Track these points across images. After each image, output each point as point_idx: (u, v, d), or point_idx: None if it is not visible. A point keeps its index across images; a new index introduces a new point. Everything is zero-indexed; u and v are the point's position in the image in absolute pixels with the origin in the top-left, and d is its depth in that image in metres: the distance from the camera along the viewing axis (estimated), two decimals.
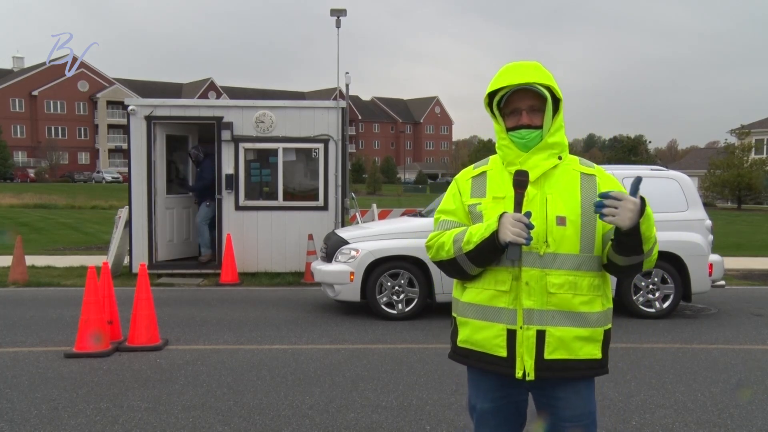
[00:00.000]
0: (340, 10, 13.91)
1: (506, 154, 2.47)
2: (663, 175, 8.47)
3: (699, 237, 8.12)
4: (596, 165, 2.54)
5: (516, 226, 2.27)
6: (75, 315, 6.89)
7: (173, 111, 11.34)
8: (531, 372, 2.36)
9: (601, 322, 2.42)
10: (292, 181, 11.46)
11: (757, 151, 46.55)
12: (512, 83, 2.37)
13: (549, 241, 2.35)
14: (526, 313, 2.35)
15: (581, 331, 2.37)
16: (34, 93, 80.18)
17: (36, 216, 25.32)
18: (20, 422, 4.46)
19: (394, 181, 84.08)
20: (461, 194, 2.55)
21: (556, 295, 2.35)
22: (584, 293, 2.38)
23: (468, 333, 2.48)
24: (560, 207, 2.38)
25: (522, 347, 2.36)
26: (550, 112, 2.41)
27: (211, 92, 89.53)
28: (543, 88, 2.38)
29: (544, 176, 2.42)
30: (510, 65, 2.44)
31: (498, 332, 2.39)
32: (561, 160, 2.46)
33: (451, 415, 4.65)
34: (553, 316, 2.35)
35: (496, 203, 2.43)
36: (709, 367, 5.94)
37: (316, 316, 8.07)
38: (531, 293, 2.35)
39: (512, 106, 2.43)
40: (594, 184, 2.44)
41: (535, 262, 2.35)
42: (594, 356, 2.40)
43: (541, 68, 2.42)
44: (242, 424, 4.46)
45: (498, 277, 2.40)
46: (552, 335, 2.35)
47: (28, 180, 63.26)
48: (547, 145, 2.42)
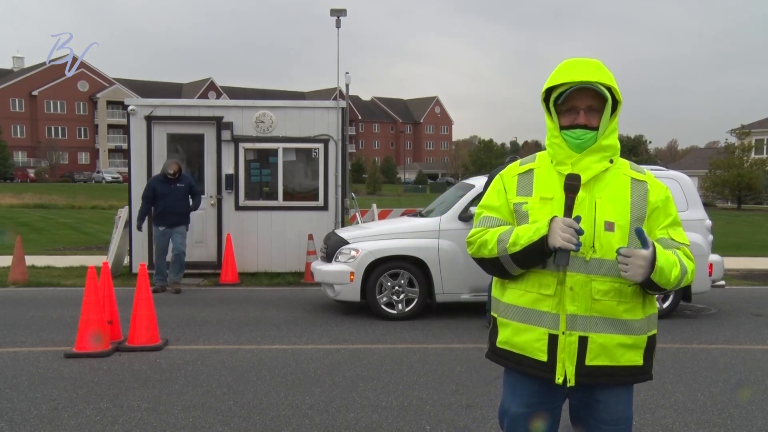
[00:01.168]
0: (340, 10, 13.90)
1: (557, 153, 2.40)
2: (663, 175, 8.47)
3: (699, 237, 8.12)
4: (647, 171, 2.47)
5: (566, 232, 2.22)
6: (75, 315, 6.89)
7: (173, 111, 11.34)
8: (572, 378, 2.33)
9: (644, 329, 2.38)
10: (292, 181, 11.46)
11: (757, 151, 46.55)
12: (574, 80, 2.30)
13: (596, 247, 2.30)
14: (569, 319, 2.31)
15: (624, 338, 2.33)
16: (34, 93, 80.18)
17: (36, 216, 25.32)
18: (20, 422, 4.45)
19: (394, 181, 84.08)
20: (506, 191, 2.48)
21: (601, 302, 2.31)
22: (628, 300, 2.33)
23: (508, 334, 2.44)
24: (609, 212, 2.32)
25: (564, 353, 2.32)
26: (608, 114, 2.35)
27: (211, 92, 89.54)
28: (605, 89, 2.31)
29: (595, 179, 2.36)
30: (571, 61, 2.37)
31: (539, 336, 2.35)
32: (612, 164, 2.39)
33: (451, 415, 4.65)
34: (596, 323, 2.31)
35: (543, 204, 2.37)
36: (709, 367, 5.94)
37: (316, 316, 8.07)
38: (575, 299, 2.30)
39: (570, 104, 2.36)
40: (645, 190, 2.38)
41: (580, 268, 2.30)
42: (635, 363, 2.37)
43: (603, 67, 2.35)
44: (242, 424, 4.46)
45: (542, 281, 2.35)
46: (594, 342, 2.31)
47: (28, 180, 63.25)
48: (601, 147, 2.36)
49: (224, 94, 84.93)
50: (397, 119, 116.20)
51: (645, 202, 2.36)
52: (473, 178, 9.07)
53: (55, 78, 79.39)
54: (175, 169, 9.69)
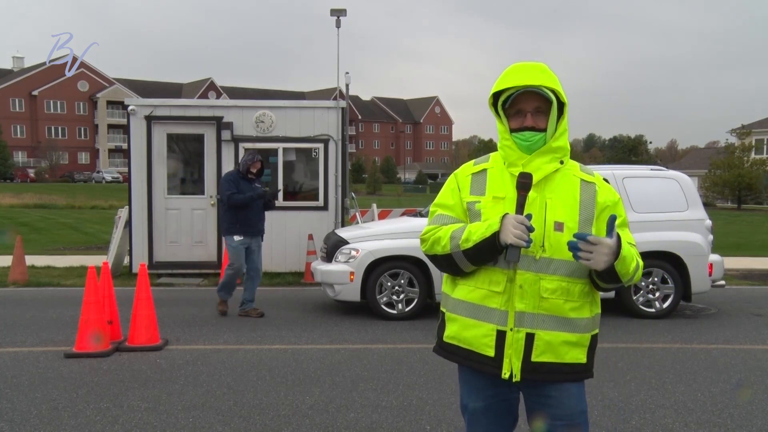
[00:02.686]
0: (340, 10, 13.91)
1: (508, 155, 2.46)
2: (663, 175, 8.47)
3: (699, 237, 8.12)
4: (596, 173, 2.53)
5: (518, 228, 2.26)
6: (75, 315, 6.89)
7: (173, 111, 11.35)
8: (518, 373, 2.37)
9: (589, 327, 2.44)
10: (292, 181, 11.47)
11: (758, 151, 46.58)
12: (519, 84, 2.36)
13: (545, 246, 2.35)
14: (518, 316, 2.36)
15: (569, 336, 2.39)
16: (34, 93, 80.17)
17: (36, 216, 25.32)
18: (20, 422, 4.45)
19: (394, 181, 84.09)
20: (460, 190, 2.54)
21: (548, 300, 2.36)
22: (575, 299, 2.39)
23: (456, 329, 2.48)
24: (559, 212, 2.38)
25: (510, 349, 2.37)
26: (554, 116, 2.40)
27: (211, 92, 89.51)
28: (549, 92, 2.37)
29: (545, 180, 2.41)
30: (516, 65, 2.43)
31: (487, 332, 2.40)
32: (563, 165, 2.45)
33: (451, 415, 4.65)
34: (543, 320, 2.36)
35: (495, 203, 2.42)
36: (709, 367, 5.94)
37: (316, 316, 8.07)
38: (524, 296, 2.35)
39: (517, 107, 2.42)
40: (593, 192, 2.44)
41: (530, 266, 2.35)
42: (579, 360, 2.42)
43: (547, 70, 2.41)
44: (242, 424, 4.46)
45: (493, 278, 2.40)
46: (541, 339, 2.36)
47: (28, 180, 63.23)
48: (551, 149, 2.41)
49: (224, 94, 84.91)
50: (397, 119, 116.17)
51: (593, 203, 2.41)
52: None
53: (55, 78, 79.37)
54: (258, 167, 8.11)
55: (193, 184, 11.55)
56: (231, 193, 7.77)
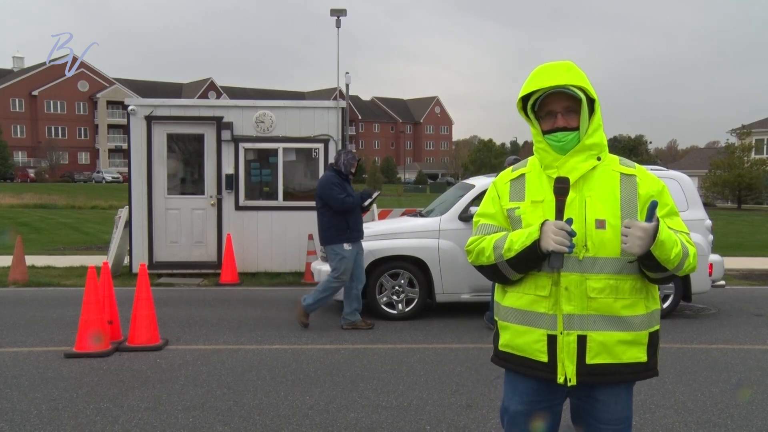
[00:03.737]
0: (340, 10, 13.93)
1: (543, 158, 2.43)
2: (663, 175, 8.46)
3: (699, 237, 8.11)
4: (637, 165, 2.49)
5: (558, 234, 2.24)
6: (75, 315, 6.89)
7: (173, 111, 11.34)
8: (573, 377, 2.34)
9: (646, 324, 2.38)
10: (292, 181, 11.47)
11: (758, 151, 46.59)
12: (545, 86, 2.33)
13: (588, 245, 2.32)
14: (566, 319, 2.33)
15: (624, 335, 2.34)
16: (34, 93, 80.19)
17: (36, 216, 25.32)
18: (20, 422, 4.45)
19: (394, 181, 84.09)
20: (500, 197, 2.52)
21: (597, 300, 2.32)
22: (626, 297, 2.34)
23: (509, 337, 2.46)
24: (599, 210, 2.34)
25: (563, 352, 2.34)
26: (586, 113, 2.37)
27: (211, 92, 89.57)
28: (577, 90, 2.34)
29: (583, 178, 2.38)
30: (542, 67, 2.40)
31: (538, 337, 2.37)
32: (600, 161, 2.41)
33: (451, 415, 4.65)
34: (594, 321, 2.32)
35: (534, 207, 2.40)
36: (709, 367, 5.94)
37: (316, 316, 8.07)
38: (571, 298, 2.32)
39: (547, 109, 2.39)
40: (634, 185, 2.39)
41: (574, 267, 2.31)
42: (639, 360, 2.38)
43: (574, 68, 2.38)
44: (242, 424, 4.46)
45: (538, 282, 2.37)
46: (593, 340, 2.32)
47: (28, 180, 63.26)
48: (585, 146, 2.38)
49: (224, 94, 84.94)
50: (397, 119, 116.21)
51: (635, 196, 2.37)
52: (473, 178, 9.07)
53: (55, 78, 79.41)
54: (356, 167, 7.44)
55: (194, 184, 11.54)
56: (344, 196, 7.06)
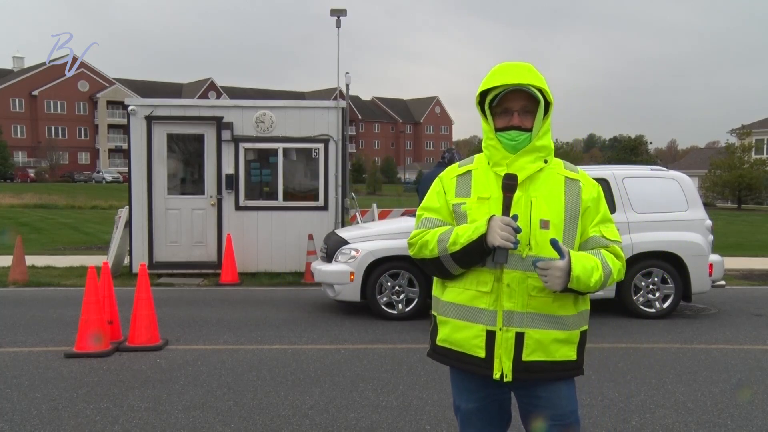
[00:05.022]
0: (340, 10, 13.89)
1: (493, 155, 2.46)
2: (663, 175, 8.47)
3: (699, 237, 8.12)
4: (580, 169, 2.55)
5: (504, 230, 2.27)
6: (75, 315, 6.89)
7: (173, 111, 11.35)
8: (509, 373, 2.37)
9: (577, 324, 2.45)
10: (292, 181, 11.47)
11: (758, 151, 46.61)
12: (507, 83, 2.36)
13: (532, 244, 2.36)
14: (506, 315, 2.36)
15: (558, 333, 2.39)
16: (34, 93, 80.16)
17: (36, 216, 25.32)
18: (20, 422, 4.45)
19: (394, 181, 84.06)
20: (446, 192, 2.54)
21: (536, 298, 2.36)
22: (562, 297, 2.39)
23: (447, 332, 2.48)
24: (544, 210, 2.38)
25: (500, 348, 2.37)
26: (541, 115, 2.41)
27: (211, 92, 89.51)
28: (536, 91, 2.37)
29: (530, 179, 2.42)
30: (503, 65, 2.43)
31: (477, 333, 2.39)
32: (547, 164, 2.46)
33: (451, 415, 4.64)
34: (532, 319, 2.36)
35: (480, 204, 2.43)
36: (709, 367, 5.94)
37: (316, 316, 8.07)
38: (512, 295, 2.36)
39: (504, 106, 2.42)
40: (578, 189, 2.45)
41: (517, 265, 2.35)
42: (569, 358, 2.43)
43: (533, 70, 2.41)
44: (242, 424, 4.46)
45: (480, 278, 2.40)
46: (531, 337, 2.36)
47: (28, 180, 63.23)
48: (535, 148, 2.42)
49: (224, 94, 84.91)
50: (397, 119, 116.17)
51: (578, 200, 2.43)
52: None
53: (55, 78, 79.36)
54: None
55: (193, 184, 11.54)
56: None
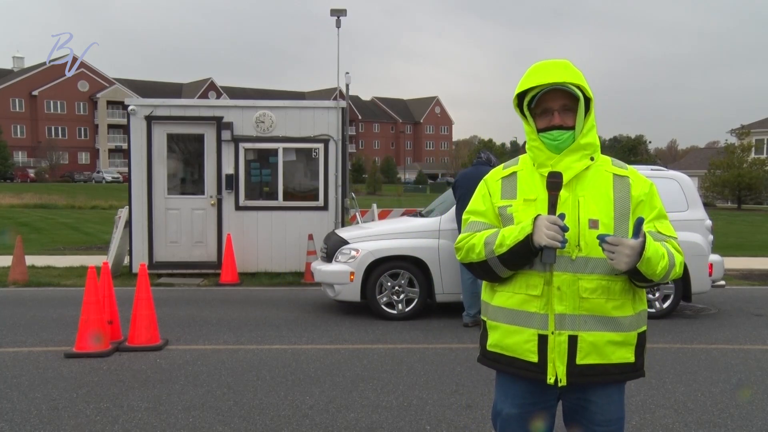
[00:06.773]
0: (340, 10, 13.89)
1: (537, 156, 2.40)
2: (663, 175, 8.47)
3: (699, 237, 8.12)
4: (629, 166, 2.48)
5: (551, 229, 2.22)
6: (75, 315, 6.88)
7: (173, 111, 11.34)
8: (563, 378, 2.32)
9: (634, 325, 2.37)
10: (292, 181, 11.47)
11: (757, 151, 46.57)
12: (543, 83, 2.31)
13: (581, 245, 2.30)
14: (558, 318, 2.31)
15: (614, 335, 2.33)
16: (34, 93, 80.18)
17: (36, 216, 25.32)
18: (20, 422, 4.45)
19: (394, 181, 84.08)
20: (491, 195, 2.49)
21: (589, 300, 2.30)
22: (617, 297, 2.33)
23: (498, 337, 2.43)
24: (593, 210, 2.32)
25: (554, 353, 2.32)
26: (582, 112, 2.35)
27: (211, 92, 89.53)
28: (575, 88, 2.32)
29: (577, 178, 2.36)
30: (539, 64, 2.38)
31: (529, 337, 2.34)
32: (593, 162, 2.40)
33: (451, 415, 4.65)
34: (585, 321, 2.31)
35: (527, 205, 2.38)
36: (709, 367, 5.94)
37: (316, 316, 8.07)
38: (563, 298, 2.30)
39: (543, 106, 2.36)
40: (627, 186, 2.38)
41: (567, 267, 2.30)
42: (627, 360, 2.36)
43: (571, 67, 2.36)
44: (242, 424, 4.46)
45: (530, 281, 2.34)
46: (584, 340, 2.31)
47: (28, 180, 63.27)
48: (580, 146, 2.36)
49: (224, 94, 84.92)
50: (397, 119, 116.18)
51: (628, 197, 2.36)
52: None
53: (55, 78, 79.38)
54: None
55: (193, 184, 11.54)
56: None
